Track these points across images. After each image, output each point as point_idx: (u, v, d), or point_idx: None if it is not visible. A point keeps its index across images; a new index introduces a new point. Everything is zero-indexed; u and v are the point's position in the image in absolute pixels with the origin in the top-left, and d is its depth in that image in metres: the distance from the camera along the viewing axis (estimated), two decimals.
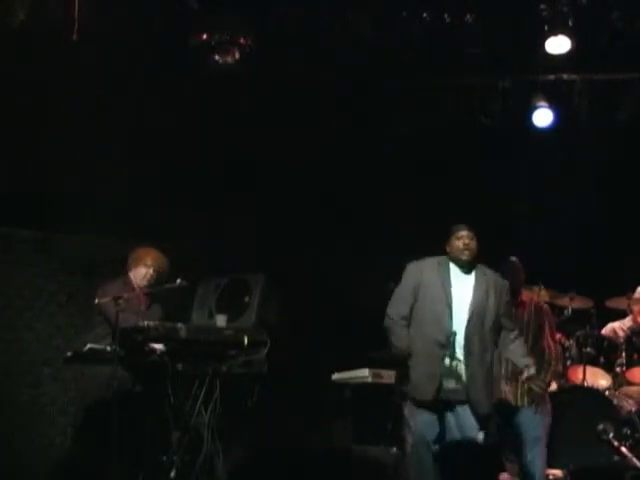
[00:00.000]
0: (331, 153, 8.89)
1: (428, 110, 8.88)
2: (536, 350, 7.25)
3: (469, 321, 6.46)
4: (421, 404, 6.46)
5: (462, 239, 6.60)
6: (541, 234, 9.16)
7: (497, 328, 6.60)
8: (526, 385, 7.17)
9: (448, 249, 6.63)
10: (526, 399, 7.37)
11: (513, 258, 7.37)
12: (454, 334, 6.41)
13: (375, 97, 8.78)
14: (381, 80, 8.55)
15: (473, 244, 6.56)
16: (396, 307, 6.60)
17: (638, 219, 8.88)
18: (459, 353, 6.42)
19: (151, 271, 7.64)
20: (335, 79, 8.42)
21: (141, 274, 7.66)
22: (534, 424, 7.35)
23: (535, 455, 7.32)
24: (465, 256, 6.60)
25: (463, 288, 6.56)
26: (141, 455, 7.12)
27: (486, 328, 6.48)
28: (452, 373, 6.42)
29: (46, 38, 7.36)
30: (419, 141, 9.13)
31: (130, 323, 7.19)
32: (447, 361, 6.42)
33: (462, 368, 6.42)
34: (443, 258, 6.67)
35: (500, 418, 7.19)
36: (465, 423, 6.44)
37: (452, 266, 6.63)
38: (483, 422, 6.50)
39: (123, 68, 7.91)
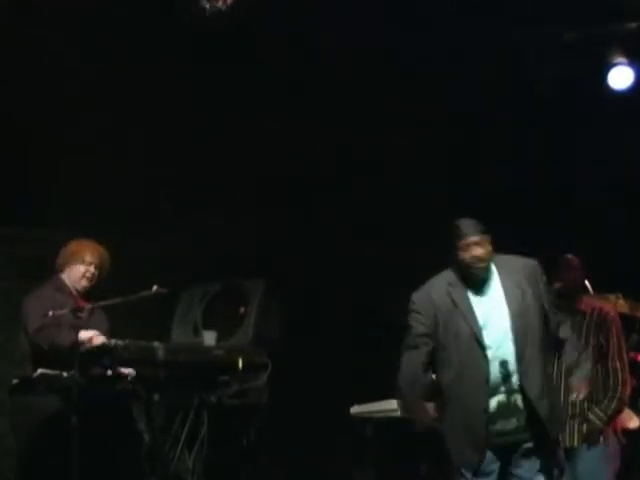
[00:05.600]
0: (349, 136, 8.42)
1: (470, 72, 8.23)
2: (599, 372, 6.63)
3: (516, 337, 5.66)
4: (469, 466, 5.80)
5: (470, 250, 5.69)
6: (619, 227, 8.45)
7: (545, 322, 5.87)
8: (578, 417, 6.62)
9: (455, 258, 5.75)
10: (577, 436, 6.70)
11: (570, 255, 6.78)
12: (504, 364, 5.61)
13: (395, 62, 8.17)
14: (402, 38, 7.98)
15: (486, 251, 5.72)
16: (408, 371, 5.79)
17: None
18: (514, 381, 5.62)
19: (92, 269, 7.13)
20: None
21: (78, 273, 7.13)
22: (592, 470, 6.67)
23: None
24: (478, 271, 5.72)
25: (489, 301, 5.75)
26: None
27: (536, 333, 5.73)
28: (510, 410, 5.65)
29: None
30: (457, 115, 8.56)
31: (67, 341, 6.73)
32: (501, 398, 5.64)
33: (520, 397, 5.67)
34: (450, 275, 5.81)
35: None
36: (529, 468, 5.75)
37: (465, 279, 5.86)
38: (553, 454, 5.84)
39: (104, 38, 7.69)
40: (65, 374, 6.66)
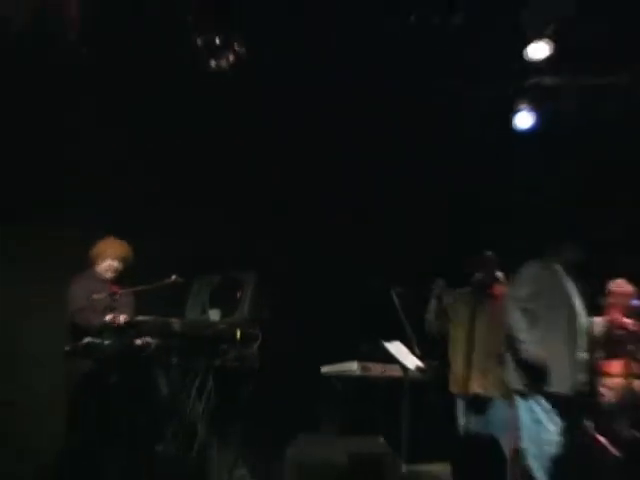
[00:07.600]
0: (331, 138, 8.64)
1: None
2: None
3: None
4: None
5: None
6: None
7: None
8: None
9: None
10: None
11: (489, 252, 7.26)
12: None
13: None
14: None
15: None
16: None
17: None
18: None
19: (115, 264, 7.69)
20: None
21: (105, 268, 7.70)
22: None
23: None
24: None
25: None
26: (136, 447, 7.24)
27: None
28: None
29: (46, 40, 7.43)
30: None
31: (97, 322, 7.23)
32: None
33: None
34: None
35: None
36: None
37: None
38: None
39: (107, 65, 7.89)
40: (106, 342, 7.24)
